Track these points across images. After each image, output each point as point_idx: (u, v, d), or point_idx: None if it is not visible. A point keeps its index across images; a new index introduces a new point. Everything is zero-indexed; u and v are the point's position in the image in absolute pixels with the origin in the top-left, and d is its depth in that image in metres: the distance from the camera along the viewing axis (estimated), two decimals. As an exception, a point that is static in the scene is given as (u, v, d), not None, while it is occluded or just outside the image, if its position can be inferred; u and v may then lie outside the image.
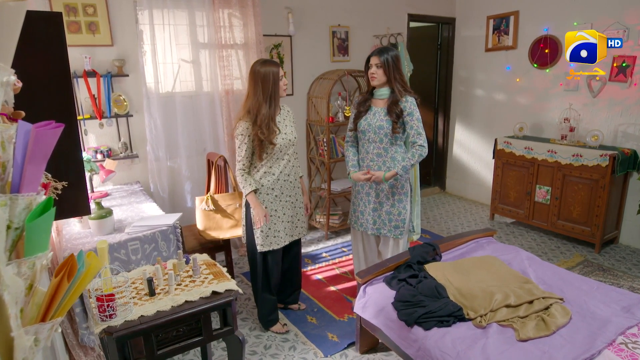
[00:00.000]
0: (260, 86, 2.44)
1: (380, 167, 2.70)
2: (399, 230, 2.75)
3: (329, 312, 3.01)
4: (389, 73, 2.62)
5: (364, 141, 2.74)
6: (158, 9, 3.30)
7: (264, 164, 2.55)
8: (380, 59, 2.61)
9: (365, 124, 2.70)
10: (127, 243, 2.36)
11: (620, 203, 3.92)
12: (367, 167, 2.73)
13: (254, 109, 2.45)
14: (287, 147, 2.58)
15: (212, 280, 1.71)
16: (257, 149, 2.48)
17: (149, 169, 3.46)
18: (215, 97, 3.69)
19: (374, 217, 2.78)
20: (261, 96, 2.44)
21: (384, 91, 2.69)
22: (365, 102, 2.75)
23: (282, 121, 2.59)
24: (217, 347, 2.66)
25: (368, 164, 2.74)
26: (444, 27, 5.37)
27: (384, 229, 2.77)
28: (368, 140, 2.71)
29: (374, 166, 2.71)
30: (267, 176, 2.56)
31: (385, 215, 2.76)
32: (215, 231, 2.98)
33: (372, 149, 2.71)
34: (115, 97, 3.23)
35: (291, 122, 2.66)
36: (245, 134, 2.46)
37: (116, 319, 1.44)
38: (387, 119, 2.63)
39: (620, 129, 3.91)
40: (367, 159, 2.74)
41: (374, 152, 2.71)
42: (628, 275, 3.43)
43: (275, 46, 4.01)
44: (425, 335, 2.03)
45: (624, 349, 1.85)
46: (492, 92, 4.98)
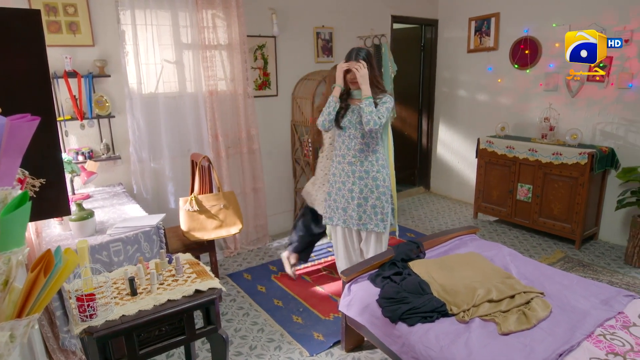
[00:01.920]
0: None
1: (362, 162, 2.76)
2: (383, 224, 2.80)
3: (315, 311, 3.02)
4: (370, 74, 2.67)
5: (345, 137, 2.79)
6: (140, 9, 3.28)
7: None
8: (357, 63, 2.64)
9: (346, 121, 2.75)
10: (109, 244, 2.33)
11: (599, 200, 4.01)
12: (349, 163, 2.79)
13: None
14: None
15: (195, 279, 1.70)
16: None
17: (131, 170, 3.43)
18: (199, 97, 3.67)
19: (359, 213, 2.80)
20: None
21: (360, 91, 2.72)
22: (345, 101, 2.80)
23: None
24: (201, 348, 2.64)
25: (350, 160, 2.78)
26: (427, 28, 5.44)
27: (370, 223, 2.81)
28: (349, 136, 2.76)
29: (357, 162, 2.76)
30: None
31: (370, 210, 2.79)
32: (200, 232, 2.96)
33: (354, 145, 2.76)
34: (97, 98, 3.19)
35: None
36: None
37: (97, 318, 1.42)
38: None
39: (598, 128, 4.00)
40: (349, 155, 2.79)
41: (356, 148, 2.76)
42: (607, 270, 3.50)
43: (259, 47, 4.01)
44: (410, 331, 2.05)
45: (602, 340, 1.90)
46: (475, 92, 5.05)
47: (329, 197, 2.96)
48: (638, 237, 3.51)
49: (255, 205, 4.15)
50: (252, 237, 4.18)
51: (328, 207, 2.97)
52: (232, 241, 4.01)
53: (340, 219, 2.91)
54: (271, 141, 4.28)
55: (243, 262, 3.84)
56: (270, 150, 4.27)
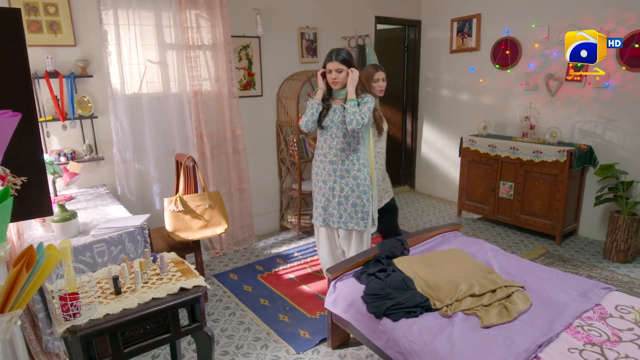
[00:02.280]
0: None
1: (343, 161, 2.81)
2: (364, 222, 2.84)
3: (301, 310, 3.03)
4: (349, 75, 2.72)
5: (327, 137, 2.83)
6: (123, 9, 3.26)
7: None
8: (341, 64, 2.69)
9: (327, 120, 2.79)
10: (93, 245, 2.31)
11: (579, 197, 4.10)
12: (331, 162, 2.83)
13: None
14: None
15: (180, 278, 1.70)
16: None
17: (115, 171, 3.40)
18: (183, 98, 3.66)
19: (339, 211, 2.84)
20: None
21: (343, 91, 2.78)
22: (326, 101, 2.84)
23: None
24: (187, 348, 2.63)
25: (332, 159, 2.82)
26: (410, 29, 5.50)
27: (350, 222, 2.84)
28: (331, 135, 2.80)
29: (338, 160, 2.81)
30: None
31: (351, 208, 2.83)
32: (185, 232, 2.95)
33: (336, 144, 2.80)
34: (79, 98, 3.16)
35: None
36: None
37: (80, 317, 1.42)
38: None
39: (576, 126, 4.10)
40: (330, 154, 2.83)
41: (337, 147, 2.80)
42: (586, 265, 3.59)
43: (243, 47, 4.01)
44: (394, 326, 2.08)
45: (580, 331, 1.95)
46: (458, 92, 5.13)
47: (313, 196, 3.01)
48: (615, 233, 3.60)
49: (241, 206, 4.15)
50: (238, 238, 4.18)
51: (313, 206, 3.02)
52: (218, 242, 4.01)
53: (320, 218, 2.94)
54: (256, 141, 4.28)
55: (229, 263, 3.84)
56: (255, 151, 4.27)
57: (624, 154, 3.81)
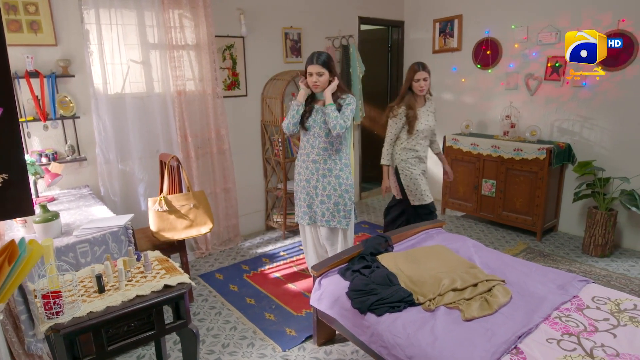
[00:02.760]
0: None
1: (326, 160, 2.86)
2: (346, 220, 2.89)
3: (287, 308, 3.05)
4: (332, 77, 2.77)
5: (310, 136, 2.86)
6: (105, 9, 3.24)
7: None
8: (322, 67, 2.72)
9: (310, 121, 2.83)
10: (76, 246, 2.29)
11: (558, 193, 4.20)
12: (313, 161, 2.87)
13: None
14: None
15: (164, 275, 1.71)
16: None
17: (98, 172, 3.37)
18: (167, 98, 3.64)
19: (322, 210, 2.88)
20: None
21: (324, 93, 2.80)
22: (309, 104, 2.88)
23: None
24: (173, 348, 2.63)
25: (314, 158, 2.86)
26: (393, 30, 5.56)
27: (333, 220, 2.89)
28: (314, 135, 2.84)
29: (320, 160, 2.85)
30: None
31: (334, 207, 2.87)
32: (170, 232, 2.94)
33: (318, 144, 2.84)
34: (61, 98, 3.13)
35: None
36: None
37: (63, 316, 1.41)
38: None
39: (555, 124, 4.19)
40: (312, 154, 2.87)
41: (320, 147, 2.84)
42: (566, 260, 3.68)
43: (227, 47, 4.01)
44: (378, 321, 2.11)
45: (558, 322, 2.01)
46: (440, 92, 5.20)
47: (295, 195, 3.04)
48: (593, 228, 3.70)
49: (227, 206, 4.15)
50: (223, 238, 4.17)
51: (295, 205, 3.05)
52: (204, 242, 3.99)
53: (306, 216, 2.96)
54: (241, 141, 4.29)
55: (215, 263, 3.83)
56: (240, 150, 4.27)
57: (601, 151, 3.92)
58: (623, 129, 3.77)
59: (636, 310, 2.10)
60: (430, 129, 3.34)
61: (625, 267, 3.53)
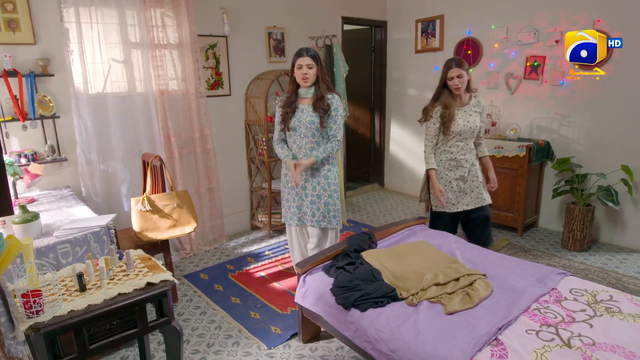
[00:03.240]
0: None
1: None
2: (336, 220, 2.90)
3: (272, 306, 3.05)
4: (320, 72, 2.76)
5: (296, 137, 2.84)
6: (85, 7, 3.20)
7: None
8: (312, 60, 2.72)
9: (295, 121, 2.81)
10: (57, 246, 2.26)
11: (538, 190, 4.29)
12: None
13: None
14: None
15: (147, 273, 1.70)
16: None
17: (79, 172, 3.33)
18: (149, 97, 3.62)
19: (312, 210, 2.88)
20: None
21: (310, 90, 2.81)
22: (291, 103, 2.84)
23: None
24: (157, 349, 2.61)
25: (302, 158, 2.84)
26: (376, 30, 5.60)
27: (323, 221, 2.89)
28: (300, 135, 2.82)
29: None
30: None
31: (324, 207, 2.87)
32: (153, 232, 2.92)
33: (305, 144, 2.83)
34: (40, 98, 3.08)
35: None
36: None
37: (44, 315, 1.40)
38: (316, 114, 2.75)
39: (535, 122, 4.28)
40: (300, 154, 2.86)
41: (307, 147, 2.83)
42: (546, 254, 3.76)
43: (210, 46, 4.00)
44: (362, 316, 2.13)
45: (537, 313, 2.06)
46: (423, 91, 5.26)
47: (282, 196, 3.01)
48: (572, 223, 3.79)
49: (211, 206, 4.13)
50: (208, 238, 4.16)
51: (283, 207, 3.03)
52: (188, 242, 3.97)
53: (295, 217, 2.97)
54: (225, 141, 4.27)
55: (199, 263, 3.81)
56: (224, 150, 4.26)
57: (579, 148, 4.01)
58: (599, 127, 3.87)
59: (612, 301, 2.16)
60: (471, 131, 3.06)
61: (602, 261, 3.63)
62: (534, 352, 1.77)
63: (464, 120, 3.05)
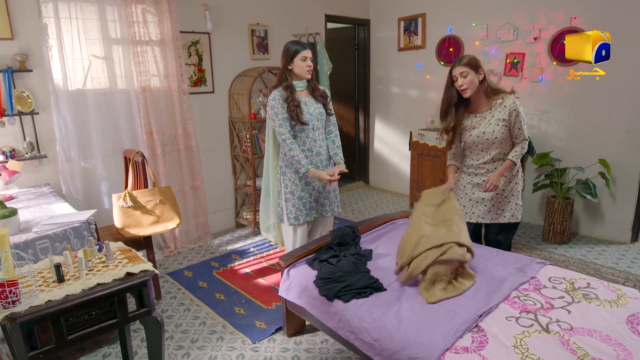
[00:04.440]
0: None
1: (319, 153, 2.76)
2: (336, 204, 2.96)
3: (257, 302, 3.04)
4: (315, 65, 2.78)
5: (309, 131, 2.69)
6: (64, 2, 3.16)
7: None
8: (311, 53, 2.69)
9: (307, 115, 2.66)
10: (35, 242, 2.22)
11: (519, 185, 4.35)
12: (318, 153, 2.74)
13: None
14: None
15: (127, 264, 1.68)
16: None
17: (59, 169, 3.28)
18: (131, 94, 3.58)
19: (330, 199, 2.89)
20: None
21: (302, 82, 2.72)
22: (293, 97, 2.64)
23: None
24: (140, 346, 2.58)
25: (318, 151, 2.74)
26: (360, 28, 5.64)
27: (336, 207, 2.94)
28: (313, 128, 2.70)
29: (323, 151, 2.78)
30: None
31: (333, 194, 2.91)
32: (135, 228, 2.89)
33: (318, 136, 2.75)
34: (18, 94, 3.03)
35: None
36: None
37: (20, 305, 1.38)
38: (319, 105, 2.75)
39: (515, 118, 4.35)
40: (315, 147, 2.73)
41: (320, 139, 2.76)
42: (527, 247, 3.82)
43: (193, 43, 3.98)
44: (345, 307, 2.14)
45: (517, 301, 2.09)
46: (407, 88, 5.31)
47: (292, 196, 2.75)
48: (552, 216, 3.86)
49: (195, 203, 4.10)
50: (192, 236, 4.13)
51: (292, 207, 2.76)
52: (172, 240, 3.94)
53: (312, 211, 2.82)
54: (209, 138, 4.25)
55: (184, 261, 3.78)
56: (208, 148, 4.24)
57: (558, 143, 4.09)
58: (577, 121, 3.95)
59: (589, 288, 2.21)
60: (489, 142, 2.62)
61: (582, 253, 3.70)
62: (514, 338, 1.80)
63: (479, 131, 2.63)
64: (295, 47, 2.64)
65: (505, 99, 2.60)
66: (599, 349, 1.70)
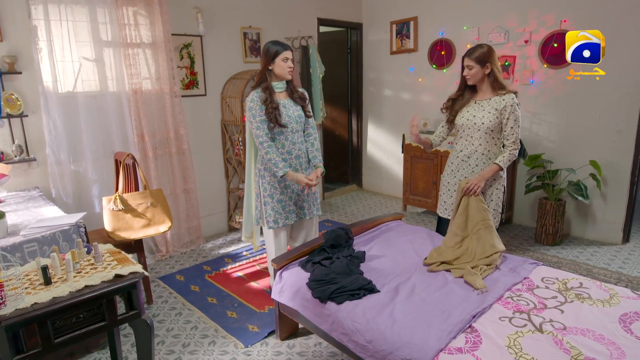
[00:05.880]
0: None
1: (299, 156, 2.73)
2: (316, 206, 2.93)
3: (250, 305, 3.02)
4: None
5: (287, 133, 2.67)
6: (54, 4, 3.13)
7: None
8: (293, 54, 2.68)
9: (285, 117, 2.64)
10: (23, 246, 2.18)
11: (512, 187, 4.37)
12: (297, 157, 2.72)
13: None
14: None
15: (116, 266, 1.66)
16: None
17: (49, 173, 3.23)
18: (122, 97, 3.55)
19: (309, 202, 2.86)
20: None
21: (282, 84, 2.68)
22: (272, 98, 2.62)
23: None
24: (131, 350, 2.54)
25: (297, 154, 2.72)
26: (352, 31, 5.66)
27: (315, 210, 2.91)
28: (292, 131, 2.68)
29: (302, 154, 2.75)
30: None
31: (312, 197, 2.87)
32: (126, 232, 2.85)
33: (297, 138, 2.72)
34: (7, 96, 3.00)
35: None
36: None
37: (5, 308, 1.35)
38: (297, 107, 2.73)
39: (507, 121, 4.37)
40: (294, 150, 2.70)
41: (299, 141, 2.74)
42: (520, 249, 3.83)
43: (185, 46, 3.96)
44: (338, 309, 2.12)
45: (510, 301, 2.09)
46: (399, 91, 5.32)
47: (271, 199, 2.72)
48: (544, 218, 3.87)
49: (187, 207, 4.07)
50: (185, 240, 4.09)
51: (271, 211, 2.73)
52: (164, 244, 3.90)
53: (292, 215, 2.79)
54: (201, 141, 4.23)
55: (175, 265, 3.75)
56: (200, 151, 4.21)
57: (549, 144, 4.11)
58: (568, 123, 3.98)
59: (582, 287, 2.22)
60: (476, 127, 2.69)
61: (574, 254, 3.71)
62: (507, 338, 1.80)
63: (471, 114, 2.71)
64: (277, 48, 2.60)
65: (506, 95, 2.68)
66: (592, 348, 1.70)
